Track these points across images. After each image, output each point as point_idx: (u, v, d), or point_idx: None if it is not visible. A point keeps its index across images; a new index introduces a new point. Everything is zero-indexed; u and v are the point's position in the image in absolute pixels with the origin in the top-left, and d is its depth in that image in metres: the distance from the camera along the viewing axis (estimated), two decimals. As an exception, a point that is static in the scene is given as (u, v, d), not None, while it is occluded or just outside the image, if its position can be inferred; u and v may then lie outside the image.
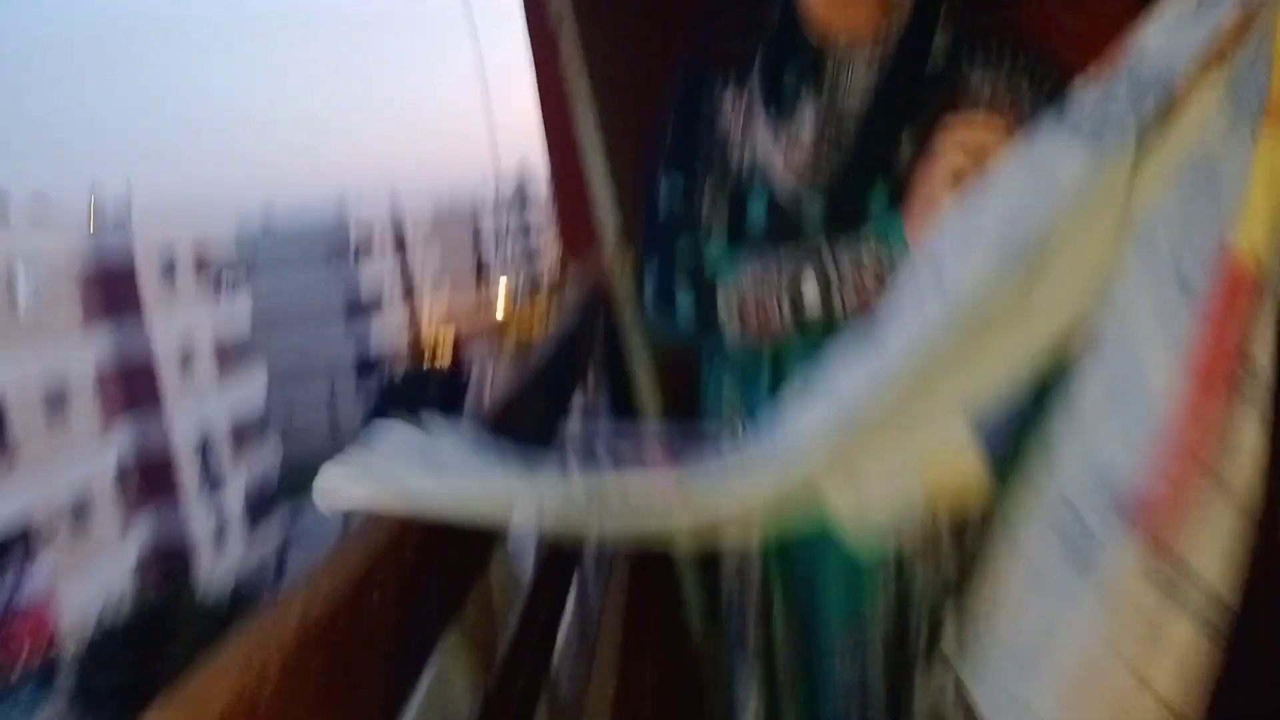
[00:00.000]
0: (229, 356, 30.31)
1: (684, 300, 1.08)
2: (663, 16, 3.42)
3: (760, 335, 1.04)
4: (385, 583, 0.77)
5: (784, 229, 1.05)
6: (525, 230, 58.77)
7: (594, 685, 1.70)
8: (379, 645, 0.76)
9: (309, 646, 0.66)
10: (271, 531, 29.74)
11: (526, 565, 1.49)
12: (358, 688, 0.72)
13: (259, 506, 29.83)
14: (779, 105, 1.07)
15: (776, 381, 1.07)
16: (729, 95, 1.11)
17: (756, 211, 1.07)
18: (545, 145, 3.75)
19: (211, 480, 27.15)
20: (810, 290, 0.99)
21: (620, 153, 3.01)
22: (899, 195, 0.98)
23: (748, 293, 1.03)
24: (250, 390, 31.19)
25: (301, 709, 0.64)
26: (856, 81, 1.03)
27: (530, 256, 57.55)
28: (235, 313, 31.22)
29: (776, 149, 1.06)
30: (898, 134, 1.01)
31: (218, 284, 30.44)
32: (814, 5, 1.01)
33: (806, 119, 1.05)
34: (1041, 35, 1.06)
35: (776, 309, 1.02)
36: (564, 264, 4.02)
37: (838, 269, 0.98)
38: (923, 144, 0.97)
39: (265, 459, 31.48)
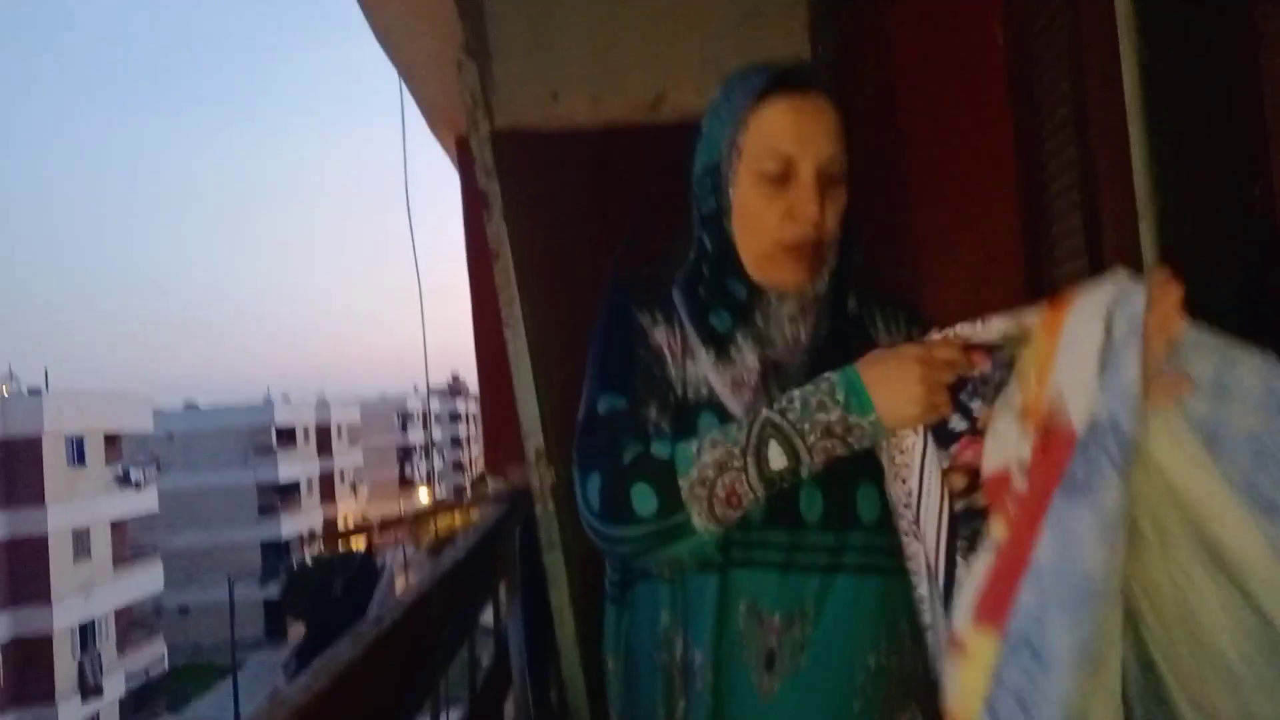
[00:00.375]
0: (128, 548, 28.97)
1: (643, 495, 1.02)
2: (598, 247, 3.70)
3: (729, 511, 1.01)
4: None
5: None
6: (451, 442, 58.46)
7: None
8: None
9: None
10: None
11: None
12: None
13: (139, 704, 27.61)
14: (716, 346, 1.12)
15: (724, 605, 1.06)
16: (658, 326, 1.16)
17: (708, 427, 1.07)
18: (477, 363, 3.92)
19: (90, 672, 25.14)
20: (776, 454, 0.99)
21: (548, 375, 3.17)
22: None
23: (709, 472, 1.00)
24: (147, 582, 29.56)
25: None
26: (792, 328, 1.13)
27: (454, 468, 56.96)
28: (141, 504, 30.06)
29: (722, 384, 1.11)
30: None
31: (126, 475, 29.44)
32: (753, 261, 1.11)
33: (750, 361, 1.11)
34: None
35: (744, 481, 1.00)
36: (487, 477, 4.08)
37: (797, 430, 0.99)
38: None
39: (153, 653, 29.66)
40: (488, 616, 2.33)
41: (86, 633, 26.19)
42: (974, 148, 2.30)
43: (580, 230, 3.74)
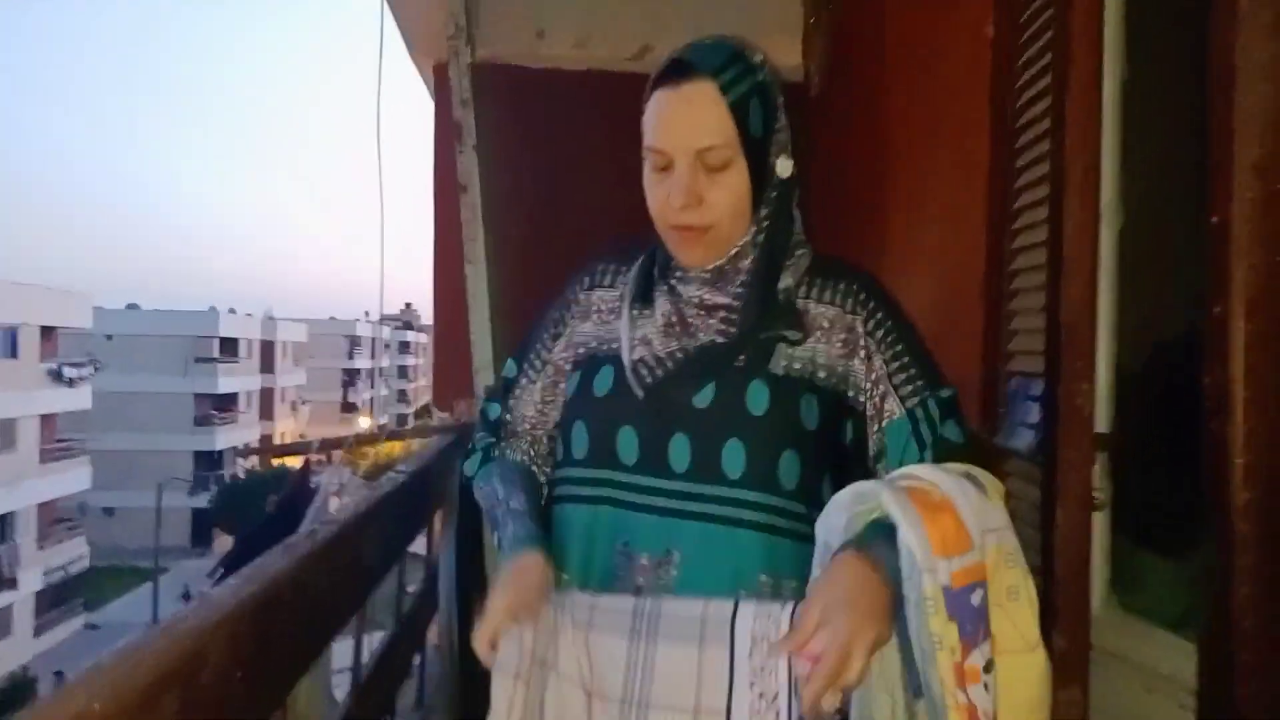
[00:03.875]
0: (57, 444, 28.45)
1: (471, 460, 1.32)
2: (570, 190, 3.68)
3: None
4: (172, 696, 0.76)
5: (621, 399, 1.18)
6: (399, 372, 58.01)
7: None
8: None
9: None
10: (63, 627, 27.27)
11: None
12: None
13: (55, 599, 27.37)
14: (641, 301, 1.22)
15: (594, 540, 1.17)
16: (600, 289, 1.28)
17: (603, 381, 1.20)
18: (435, 296, 3.89)
19: (6, 564, 24.85)
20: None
21: (505, 314, 3.16)
22: (724, 395, 1.14)
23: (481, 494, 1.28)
24: (73, 480, 29.20)
25: None
26: (705, 295, 1.18)
27: (399, 397, 56.59)
28: (73, 401, 29.49)
29: (628, 339, 1.20)
30: (735, 350, 1.16)
31: (60, 371, 28.80)
32: (668, 244, 1.19)
33: (658, 311, 1.20)
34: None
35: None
36: (432, 409, 4.08)
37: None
38: (759, 356, 1.14)
39: (74, 550, 29.33)
40: (421, 546, 2.35)
41: (5, 524, 25.77)
42: (952, 143, 2.33)
43: (553, 171, 3.72)
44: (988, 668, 0.92)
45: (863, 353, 1.16)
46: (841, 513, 1.01)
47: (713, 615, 1.05)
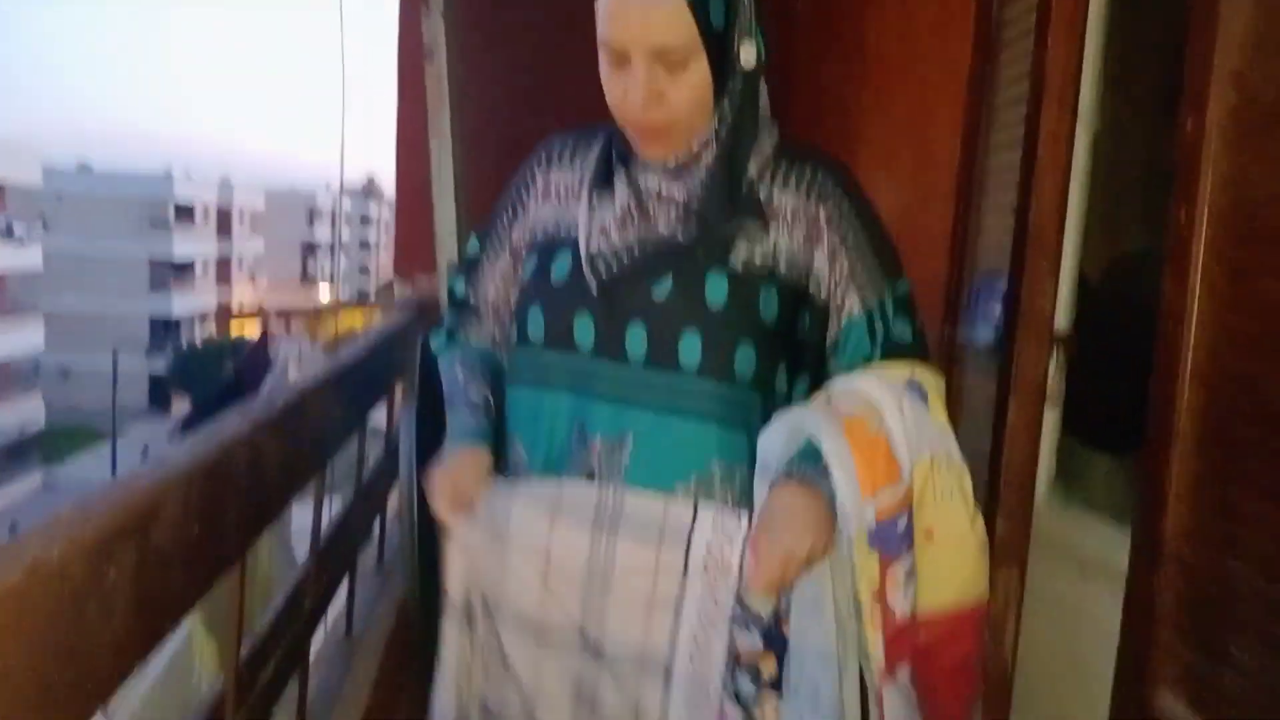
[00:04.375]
0: (8, 303, 27.90)
1: (436, 335, 1.34)
2: (541, 62, 3.56)
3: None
4: (129, 547, 0.77)
5: (578, 286, 1.17)
6: (360, 245, 57.09)
7: (352, 677, 1.72)
8: (115, 608, 0.75)
9: (34, 593, 0.64)
10: (19, 484, 27.40)
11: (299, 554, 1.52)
12: (83, 647, 0.71)
13: (10, 456, 27.40)
14: (600, 188, 1.20)
15: (552, 420, 1.18)
16: (559, 169, 1.26)
17: (560, 267, 1.19)
18: (397, 168, 3.79)
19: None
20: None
21: (469, 187, 3.10)
22: (683, 288, 1.13)
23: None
24: (25, 339, 28.70)
25: (9, 664, 0.62)
26: (665, 187, 1.16)
27: (360, 271, 55.87)
28: (23, 260, 28.75)
29: (585, 225, 1.19)
30: (695, 244, 1.15)
31: (9, 228, 27.96)
32: (628, 136, 1.16)
33: (617, 201, 1.18)
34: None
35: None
36: (395, 283, 4.03)
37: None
38: (718, 249, 1.13)
39: (28, 409, 29.10)
40: (381, 419, 2.36)
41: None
42: (931, 42, 2.27)
43: (523, 40, 3.59)
44: (910, 573, 1.06)
45: (825, 246, 1.16)
46: (780, 435, 1.08)
47: (672, 522, 1.09)
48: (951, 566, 1.10)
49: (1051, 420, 1.66)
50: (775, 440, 1.08)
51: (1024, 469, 1.55)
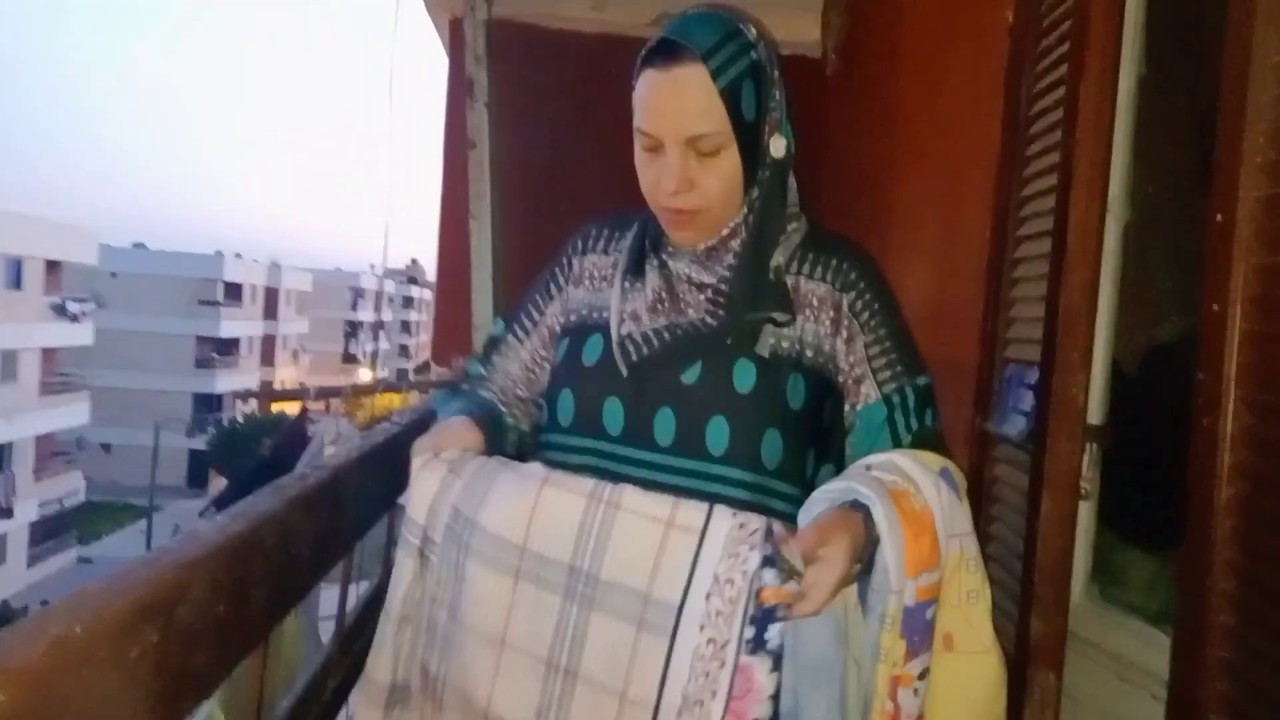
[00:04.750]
0: (57, 378, 28.58)
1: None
2: (579, 153, 3.66)
3: None
4: (153, 625, 0.76)
5: (608, 370, 1.18)
6: (401, 326, 58.01)
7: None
8: (133, 693, 0.74)
9: (56, 670, 0.64)
10: (57, 559, 27.58)
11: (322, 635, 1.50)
12: None
13: (50, 531, 27.62)
14: (633, 273, 1.23)
15: None
16: (592, 255, 1.29)
17: (592, 351, 1.21)
18: (439, 252, 3.89)
19: (2, 493, 25.11)
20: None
21: (507, 272, 3.16)
22: (711, 373, 1.14)
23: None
24: (71, 414, 29.33)
25: None
26: (695, 273, 1.19)
27: (400, 351, 56.64)
28: (76, 337, 29.57)
29: (618, 310, 1.21)
30: (723, 330, 1.16)
31: (63, 306, 28.83)
32: (660, 221, 1.19)
33: (648, 286, 1.21)
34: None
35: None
36: (432, 364, 4.09)
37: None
38: (747, 335, 1.15)
39: (70, 484, 29.54)
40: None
41: (3, 454, 25.91)
42: (963, 128, 2.31)
43: (562, 132, 3.70)
44: (922, 675, 0.99)
45: (845, 332, 1.17)
46: (821, 505, 1.05)
47: (681, 516, 1.04)
48: (965, 689, 1.03)
49: (1087, 515, 1.62)
50: (817, 510, 1.05)
51: (1059, 565, 1.51)
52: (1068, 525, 1.52)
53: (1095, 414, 1.62)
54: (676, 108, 1.10)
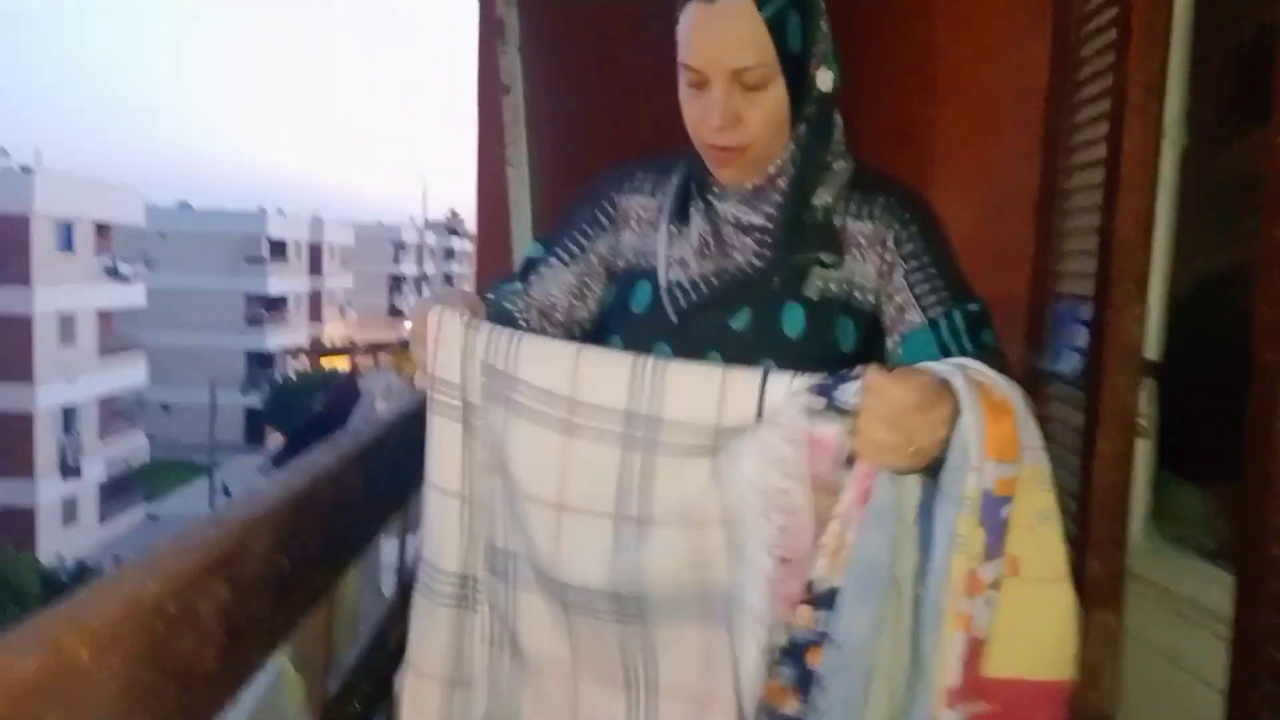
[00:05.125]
0: (114, 339, 29.28)
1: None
2: (614, 94, 3.61)
3: None
4: (220, 584, 0.79)
5: (657, 317, 1.18)
6: (444, 278, 58.38)
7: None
8: (205, 647, 0.77)
9: (131, 626, 0.66)
10: (125, 516, 28.57)
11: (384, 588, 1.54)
12: (178, 680, 0.73)
13: (117, 490, 28.63)
14: (679, 217, 1.21)
15: None
16: (638, 195, 1.26)
17: (641, 298, 1.21)
18: (478, 201, 3.87)
19: (70, 454, 25.98)
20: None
21: (548, 218, 3.14)
22: (760, 319, 1.13)
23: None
24: (130, 375, 30.15)
25: (108, 694, 0.63)
26: (741, 214, 1.17)
27: (444, 302, 56.93)
28: (129, 298, 30.21)
29: (666, 256, 1.20)
30: (769, 274, 1.15)
31: (115, 267, 29.41)
32: (705, 160, 1.17)
33: (694, 230, 1.19)
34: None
35: None
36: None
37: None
38: (794, 278, 1.13)
39: (133, 444, 30.50)
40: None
41: (69, 416, 26.70)
42: (1009, 57, 2.24)
43: (598, 75, 3.64)
44: (995, 585, 0.87)
45: (887, 266, 1.14)
46: None
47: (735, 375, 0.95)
48: (1031, 623, 0.91)
49: (1144, 453, 1.60)
50: None
51: (1116, 505, 1.49)
52: (1124, 464, 1.50)
53: (1152, 349, 1.58)
54: (721, 39, 1.09)
